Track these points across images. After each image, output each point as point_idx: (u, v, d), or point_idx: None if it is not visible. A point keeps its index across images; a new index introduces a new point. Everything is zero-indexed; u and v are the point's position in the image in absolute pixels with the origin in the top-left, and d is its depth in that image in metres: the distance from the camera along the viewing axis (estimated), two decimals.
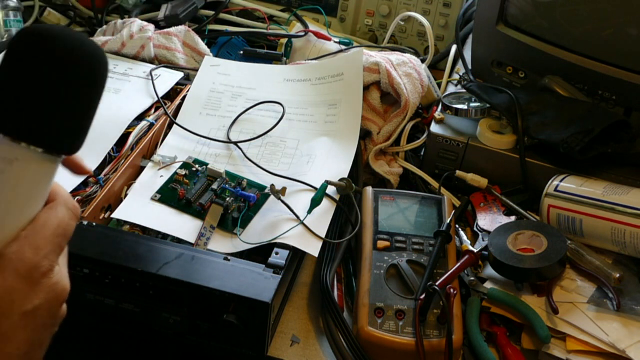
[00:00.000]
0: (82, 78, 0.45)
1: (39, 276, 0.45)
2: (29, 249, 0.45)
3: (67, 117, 0.46)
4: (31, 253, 0.45)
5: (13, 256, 0.44)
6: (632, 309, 0.75)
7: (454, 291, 0.73)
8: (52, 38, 0.44)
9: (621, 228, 0.79)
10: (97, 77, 0.47)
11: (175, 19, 1.17)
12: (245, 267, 0.71)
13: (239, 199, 0.82)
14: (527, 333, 0.76)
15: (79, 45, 0.45)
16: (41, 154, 0.46)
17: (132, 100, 0.95)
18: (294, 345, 0.76)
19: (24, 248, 0.45)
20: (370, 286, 0.75)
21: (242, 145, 0.92)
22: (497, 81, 1.04)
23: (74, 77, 0.45)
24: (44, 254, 0.45)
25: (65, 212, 0.48)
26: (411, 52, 1.15)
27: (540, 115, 0.91)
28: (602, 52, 0.92)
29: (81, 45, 0.45)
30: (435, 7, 1.20)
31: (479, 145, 0.93)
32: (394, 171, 0.94)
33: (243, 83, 1.03)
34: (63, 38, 0.45)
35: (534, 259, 0.77)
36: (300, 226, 0.77)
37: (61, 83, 0.44)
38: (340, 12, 1.25)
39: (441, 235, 0.79)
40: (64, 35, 0.45)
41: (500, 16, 0.99)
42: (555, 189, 0.85)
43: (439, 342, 0.70)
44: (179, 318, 0.71)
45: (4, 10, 1.13)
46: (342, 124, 0.94)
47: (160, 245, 0.73)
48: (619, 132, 0.89)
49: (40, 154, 0.45)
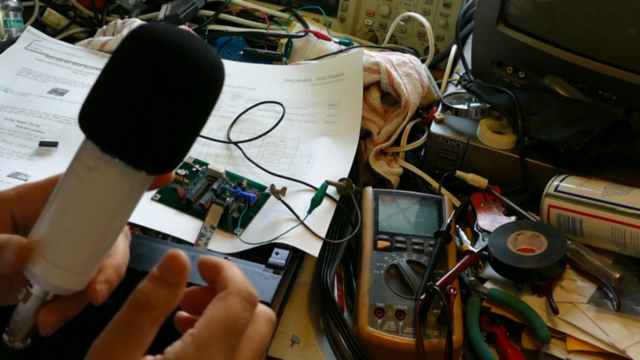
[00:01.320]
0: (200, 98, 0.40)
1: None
2: (191, 349, 0.38)
3: (169, 137, 0.40)
4: (194, 355, 0.38)
5: (173, 356, 0.38)
6: (632, 309, 0.75)
7: (454, 291, 0.73)
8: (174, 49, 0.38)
9: (621, 228, 0.79)
10: (214, 97, 0.41)
11: (175, 19, 1.17)
12: (245, 267, 0.71)
13: (239, 199, 0.82)
14: (527, 333, 0.76)
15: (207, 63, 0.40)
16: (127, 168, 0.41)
17: None
18: (294, 345, 0.76)
19: (187, 347, 0.38)
20: (370, 286, 0.75)
21: (242, 145, 0.92)
22: (497, 81, 1.04)
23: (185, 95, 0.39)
24: (208, 355, 0.38)
25: (237, 302, 0.40)
26: (411, 52, 1.15)
27: (540, 115, 0.91)
28: (602, 52, 0.92)
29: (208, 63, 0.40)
30: (435, 7, 1.20)
31: (479, 145, 0.93)
32: (394, 171, 0.94)
33: (243, 83, 1.03)
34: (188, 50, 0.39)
35: (534, 259, 0.77)
36: (300, 226, 0.77)
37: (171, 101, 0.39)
38: (340, 12, 1.25)
39: (441, 235, 0.79)
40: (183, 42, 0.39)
41: (500, 16, 0.99)
42: (555, 189, 0.85)
43: (439, 342, 0.70)
44: None
45: (4, 10, 1.12)
46: (342, 124, 0.94)
47: (160, 245, 0.73)
48: (619, 132, 0.89)
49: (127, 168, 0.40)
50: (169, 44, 0.38)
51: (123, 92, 0.39)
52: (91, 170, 0.40)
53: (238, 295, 0.40)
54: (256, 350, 0.40)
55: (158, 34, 0.39)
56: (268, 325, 0.42)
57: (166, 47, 0.38)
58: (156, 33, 0.39)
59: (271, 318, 0.42)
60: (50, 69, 1.03)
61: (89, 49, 1.09)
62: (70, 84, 1.00)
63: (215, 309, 0.39)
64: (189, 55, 0.39)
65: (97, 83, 0.40)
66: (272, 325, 0.42)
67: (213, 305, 0.40)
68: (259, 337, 0.41)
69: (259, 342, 0.41)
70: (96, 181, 0.41)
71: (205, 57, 0.40)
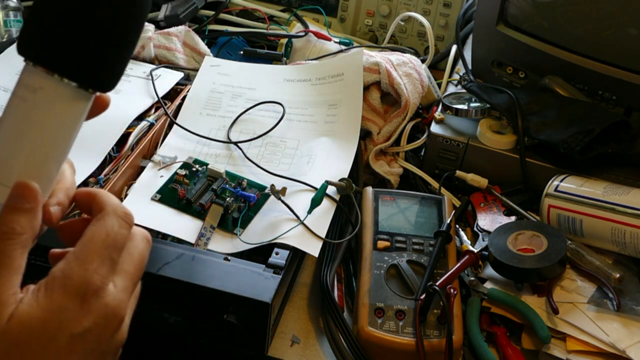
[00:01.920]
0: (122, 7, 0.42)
1: (89, 294, 0.40)
2: (75, 264, 0.41)
3: (104, 50, 0.42)
4: (79, 268, 0.41)
5: (59, 273, 0.41)
6: (632, 309, 0.75)
7: (454, 291, 0.73)
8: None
9: (621, 228, 0.79)
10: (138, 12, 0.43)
11: (175, 19, 1.16)
12: (245, 267, 0.71)
13: (239, 199, 0.82)
14: (527, 333, 0.76)
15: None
16: (71, 87, 0.42)
17: (132, 100, 0.95)
18: (294, 345, 0.76)
19: (70, 263, 0.41)
20: (370, 286, 0.75)
21: (242, 145, 0.92)
22: (497, 81, 1.04)
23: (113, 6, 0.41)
24: (93, 269, 0.41)
25: (115, 220, 0.44)
26: (411, 52, 1.15)
27: (540, 115, 0.91)
28: (602, 52, 0.92)
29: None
30: (435, 7, 1.20)
31: (479, 145, 0.93)
32: (394, 171, 0.94)
33: (243, 83, 1.03)
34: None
35: (534, 259, 0.77)
36: (300, 226, 0.77)
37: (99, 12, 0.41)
38: (340, 12, 1.25)
39: (441, 235, 0.79)
40: None
41: (500, 16, 0.99)
42: (555, 189, 0.85)
43: (439, 342, 0.70)
44: (179, 318, 0.71)
45: (4, 10, 1.12)
46: (342, 124, 0.94)
47: (160, 245, 0.73)
48: (619, 132, 0.89)
49: (69, 86, 0.42)
50: None
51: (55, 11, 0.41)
52: (36, 91, 0.42)
53: (114, 215, 0.44)
54: (137, 264, 0.44)
55: None
56: (145, 243, 0.45)
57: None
58: None
59: (147, 237, 0.46)
60: None
61: None
62: None
63: (94, 228, 0.43)
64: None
65: (30, 11, 0.42)
66: (149, 243, 0.46)
67: (92, 226, 0.43)
68: (138, 252, 0.44)
69: (139, 256, 0.44)
70: (41, 100, 0.42)
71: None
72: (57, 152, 0.44)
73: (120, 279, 0.43)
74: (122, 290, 0.43)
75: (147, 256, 0.46)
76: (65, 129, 0.44)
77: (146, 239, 0.46)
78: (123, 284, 0.43)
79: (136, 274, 0.44)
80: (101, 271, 0.41)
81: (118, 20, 0.42)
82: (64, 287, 0.40)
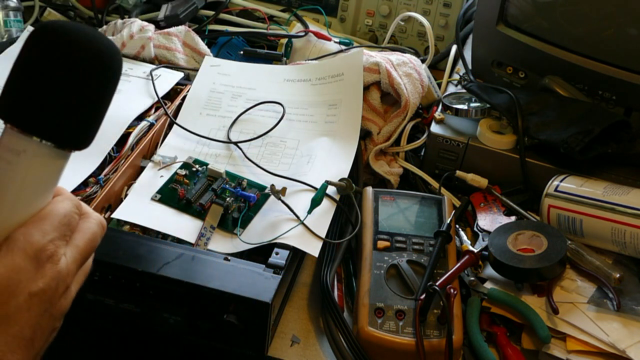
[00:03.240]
0: (95, 74, 0.46)
1: (45, 258, 0.46)
2: (35, 232, 0.46)
3: (79, 113, 0.46)
4: (38, 235, 0.46)
5: (21, 237, 0.45)
6: (632, 309, 0.75)
7: (454, 291, 0.73)
8: (66, 33, 0.45)
9: (621, 228, 0.79)
10: (110, 73, 0.47)
11: (175, 19, 1.17)
12: (245, 267, 0.71)
13: (239, 199, 0.82)
14: (527, 333, 0.76)
15: (93, 42, 0.45)
16: (50, 147, 0.46)
17: (132, 100, 0.95)
18: (294, 345, 0.76)
19: (31, 230, 0.46)
20: (370, 286, 0.75)
21: (242, 145, 0.92)
22: (497, 81, 1.04)
23: (87, 74, 0.45)
24: (50, 238, 0.46)
25: (70, 205, 0.49)
26: (411, 52, 1.15)
27: (540, 115, 0.91)
28: (602, 52, 0.92)
29: (95, 42, 0.45)
30: (435, 7, 1.20)
31: (479, 145, 0.93)
32: (394, 171, 0.94)
33: (243, 83, 1.03)
34: (77, 34, 0.45)
35: (534, 259, 0.77)
36: (300, 226, 0.77)
37: (74, 79, 0.45)
38: (340, 12, 1.25)
39: (441, 235, 0.79)
40: (78, 31, 0.45)
41: (500, 16, 0.99)
42: (555, 189, 0.85)
43: (439, 342, 0.70)
44: (179, 318, 0.71)
45: (4, 10, 1.12)
46: (342, 124, 0.94)
47: (160, 245, 0.73)
48: (619, 132, 0.89)
49: (49, 147, 0.46)
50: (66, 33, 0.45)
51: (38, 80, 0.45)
52: (19, 154, 0.45)
53: (70, 200, 0.50)
54: (87, 241, 0.50)
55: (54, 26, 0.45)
56: (98, 226, 0.51)
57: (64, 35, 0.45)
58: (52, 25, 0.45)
59: (102, 222, 0.52)
60: None
61: None
62: None
63: (54, 206, 0.48)
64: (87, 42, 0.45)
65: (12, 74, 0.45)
66: (103, 228, 0.52)
67: (52, 204, 0.48)
68: (91, 232, 0.50)
69: (90, 236, 0.50)
70: (24, 162, 0.46)
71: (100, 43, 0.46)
72: (38, 203, 0.48)
73: (71, 252, 0.48)
74: (72, 260, 0.48)
75: (98, 238, 0.51)
76: (45, 183, 0.48)
77: (100, 224, 0.51)
78: (73, 256, 0.48)
79: (85, 250, 0.50)
80: (57, 242, 0.47)
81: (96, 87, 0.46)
82: (23, 250, 0.45)
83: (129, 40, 1.06)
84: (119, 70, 0.47)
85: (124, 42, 1.06)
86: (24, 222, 0.47)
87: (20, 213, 0.47)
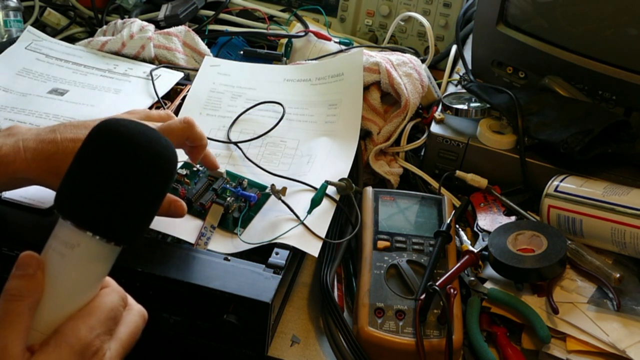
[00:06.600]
0: (154, 178, 0.48)
1: (90, 355, 0.47)
2: (83, 327, 0.48)
3: (134, 212, 0.49)
4: (85, 331, 0.47)
5: (69, 332, 0.47)
6: (632, 309, 0.75)
7: (454, 291, 0.73)
8: (130, 139, 0.47)
9: (621, 228, 0.79)
10: (167, 175, 0.49)
11: (175, 19, 1.17)
12: (245, 267, 0.71)
13: (239, 198, 0.82)
14: (527, 333, 0.76)
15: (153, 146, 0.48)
16: (103, 243, 0.48)
17: (132, 100, 0.95)
18: (294, 345, 0.76)
19: (79, 325, 0.48)
20: (370, 286, 0.75)
21: (242, 145, 0.92)
22: (497, 81, 1.04)
23: (146, 178, 0.48)
24: (96, 334, 0.48)
25: (117, 298, 0.51)
26: (411, 52, 1.15)
27: (540, 115, 0.91)
28: (602, 52, 0.92)
29: (155, 145, 0.48)
30: (435, 7, 1.20)
31: (479, 145, 0.93)
32: (394, 171, 0.94)
33: (243, 83, 1.03)
34: (139, 138, 0.47)
35: (534, 259, 0.77)
36: (300, 226, 0.77)
37: (133, 182, 0.47)
38: (340, 12, 1.25)
39: (441, 235, 0.79)
40: (140, 135, 0.48)
41: (500, 16, 0.99)
42: (555, 189, 0.85)
43: (439, 342, 0.70)
44: (179, 318, 0.71)
45: (4, 10, 1.12)
46: (342, 124, 0.94)
47: (160, 245, 0.73)
48: (619, 132, 0.89)
49: (102, 242, 0.48)
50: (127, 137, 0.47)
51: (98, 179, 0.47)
52: (73, 248, 0.48)
53: (117, 294, 0.52)
54: (130, 334, 0.51)
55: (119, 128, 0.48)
56: (140, 318, 0.53)
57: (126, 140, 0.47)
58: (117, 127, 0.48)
59: (144, 314, 0.54)
60: (50, 69, 1.03)
61: (89, 49, 1.08)
62: (70, 84, 1.00)
63: (102, 299, 0.50)
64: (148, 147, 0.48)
65: (71, 171, 0.48)
66: (144, 320, 0.54)
67: (99, 297, 0.50)
68: (134, 325, 0.52)
69: (134, 328, 0.52)
70: (78, 255, 0.48)
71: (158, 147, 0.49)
72: (87, 295, 0.50)
73: (115, 345, 0.50)
74: (116, 354, 0.50)
75: (140, 330, 0.53)
76: (95, 276, 0.50)
77: (143, 316, 0.54)
78: (116, 349, 0.50)
79: (128, 342, 0.51)
80: (102, 337, 0.49)
81: (153, 189, 0.49)
82: (71, 346, 0.47)
83: (129, 40, 1.06)
84: (174, 171, 0.50)
85: (123, 42, 1.06)
86: (72, 313, 0.48)
87: (70, 305, 0.49)
